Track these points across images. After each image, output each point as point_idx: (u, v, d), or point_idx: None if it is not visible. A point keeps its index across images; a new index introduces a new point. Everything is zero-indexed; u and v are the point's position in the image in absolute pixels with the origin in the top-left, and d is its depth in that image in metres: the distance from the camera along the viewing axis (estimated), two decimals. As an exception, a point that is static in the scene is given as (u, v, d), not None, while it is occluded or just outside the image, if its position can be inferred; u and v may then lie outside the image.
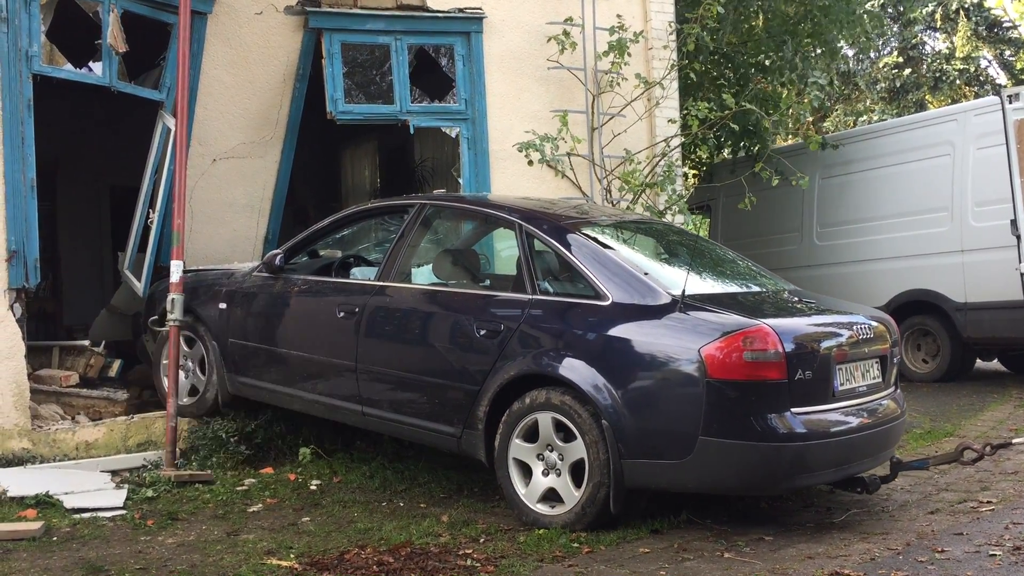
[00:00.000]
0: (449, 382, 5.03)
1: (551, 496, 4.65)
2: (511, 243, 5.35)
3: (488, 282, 5.65)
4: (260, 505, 5.34)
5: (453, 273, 5.56)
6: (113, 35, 6.74)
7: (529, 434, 4.70)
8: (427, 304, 5.30)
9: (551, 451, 4.65)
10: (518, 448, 4.73)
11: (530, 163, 7.84)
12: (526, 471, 4.74)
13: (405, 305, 5.36)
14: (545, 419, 4.63)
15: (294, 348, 5.83)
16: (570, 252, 4.92)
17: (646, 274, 4.74)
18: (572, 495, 4.53)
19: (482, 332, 4.90)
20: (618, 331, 4.53)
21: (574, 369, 4.54)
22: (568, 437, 4.57)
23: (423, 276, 5.63)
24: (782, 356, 4.25)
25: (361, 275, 5.92)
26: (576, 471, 4.56)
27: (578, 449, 4.51)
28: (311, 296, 5.85)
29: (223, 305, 6.19)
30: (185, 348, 6.39)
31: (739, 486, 4.51)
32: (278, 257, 5.98)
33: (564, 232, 5.05)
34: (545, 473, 4.67)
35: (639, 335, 4.49)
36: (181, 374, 6.31)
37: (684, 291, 4.49)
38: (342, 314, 5.47)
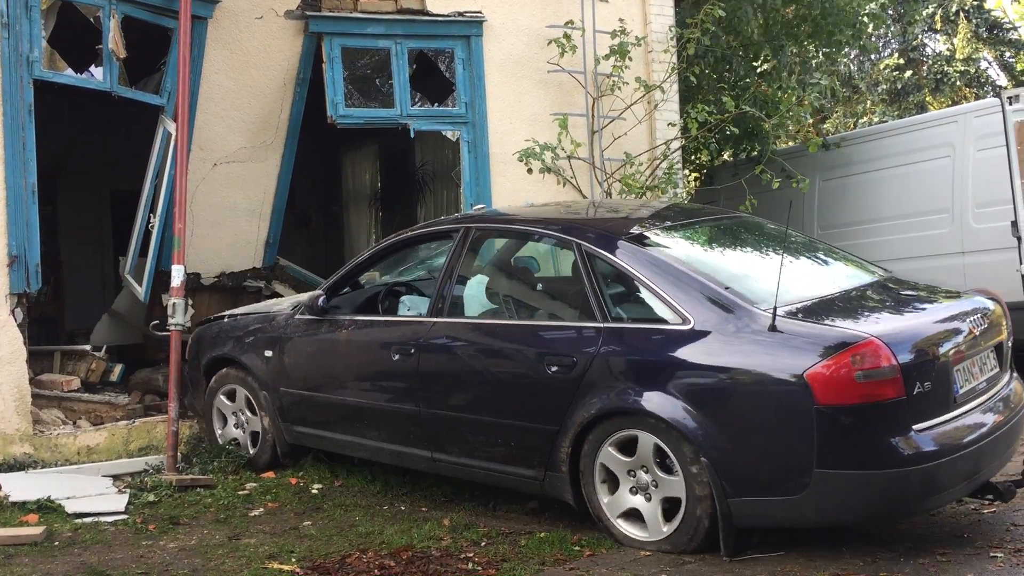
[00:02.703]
0: (523, 423, 4.64)
1: (632, 514, 4.37)
2: (570, 263, 4.95)
3: (551, 310, 5.25)
4: (261, 509, 5.34)
5: (509, 302, 5.23)
6: (114, 40, 6.75)
7: (624, 447, 4.35)
8: (486, 340, 4.94)
9: (646, 472, 4.30)
10: (609, 456, 4.38)
11: (529, 171, 7.84)
12: (612, 482, 4.42)
13: (462, 342, 4.98)
14: (647, 441, 4.25)
15: (351, 395, 5.47)
16: (639, 272, 4.47)
17: (727, 288, 4.27)
18: (659, 528, 4.24)
19: (553, 368, 4.51)
20: (706, 358, 4.12)
21: (661, 403, 4.15)
22: (666, 465, 4.21)
23: (477, 307, 5.24)
24: (897, 370, 3.81)
25: (412, 307, 5.59)
26: (668, 503, 4.24)
27: (676, 486, 4.17)
28: (361, 337, 5.48)
29: (269, 352, 5.85)
30: (228, 402, 6.20)
31: (865, 517, 4.07)
32: (320, 299, 5.61)
33: (628, 248, 4.60)
34: (633, 491, 4.35)
35: (731, 361, 4.05)
36: (231, 421, 6.22)
37: (776, 306, 4.03)
38: (397, 356, 5.12)
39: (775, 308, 4.02)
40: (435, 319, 5.08)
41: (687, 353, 4.19)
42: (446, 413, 4.97)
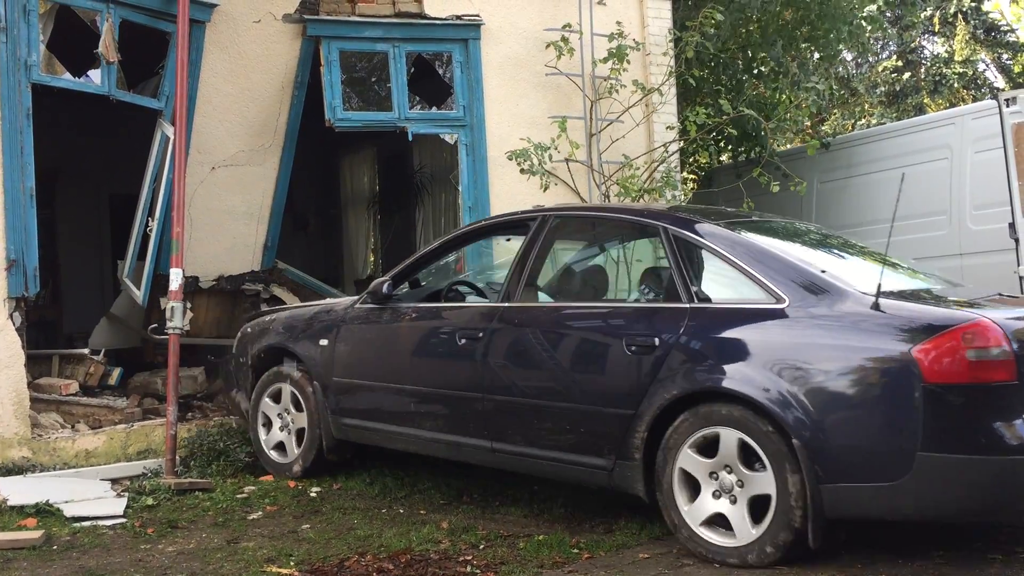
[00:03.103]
0: (596, 407, 4.48)
1: (717, 521, 4.13)
2: (651, 250, 4.91)
3: (630, 294, 5.15)
4: (260, 512, 5.34)
5: (588, 287, 5.16)
6: (105, 44, 6.75)
7: (704, 448, 4.15)
8: (563, 322, 4.80)
9: (729, 473, 4.09)
10: (689, 459, 4.17)
11: (522, 171, 7.83)
12: (691, 487, 4.21)
13: (537, 325, 4.83)
14: (730, 437, 4.05)
15: (408, 382, 5.31)
16: (729, 253, 4.37)
17: (823, 271, 4.20)
18: (748, 531, 4.00)
19: (632, 349, 4.36)
20: (803, 337, 4.00)
21: (753, 382, 3.98)
22: (752, 462, 4.02)
23: (553, 292, 5.20)
24: (1010, 353, 3.69)
25: (480, 298, 5.53)
26: (756, 503, 4.01)
27: (764, 481, 3.95)
28: (426, 323, 5.37)
29: (324, 342, 5.70)
30: (273, 403, 6.07)
31: (966, 510, 3.81)
32: (385, 285, 5.48)
33: (716, 231, 4.54)
34: (716, 495, 4.12)
35: (830, 339, 3.94)
36: (276, 425, 6.07)
37: (880, 285, 3.93)
38: (463, 341, 4.98)
39: (879, 286, 3.93)
40: (507, 303, 4.97)
41: (780, 332, 4.06)
42: (511, 399, 4.81)
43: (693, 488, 4.19)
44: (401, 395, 5.35)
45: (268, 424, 6.12)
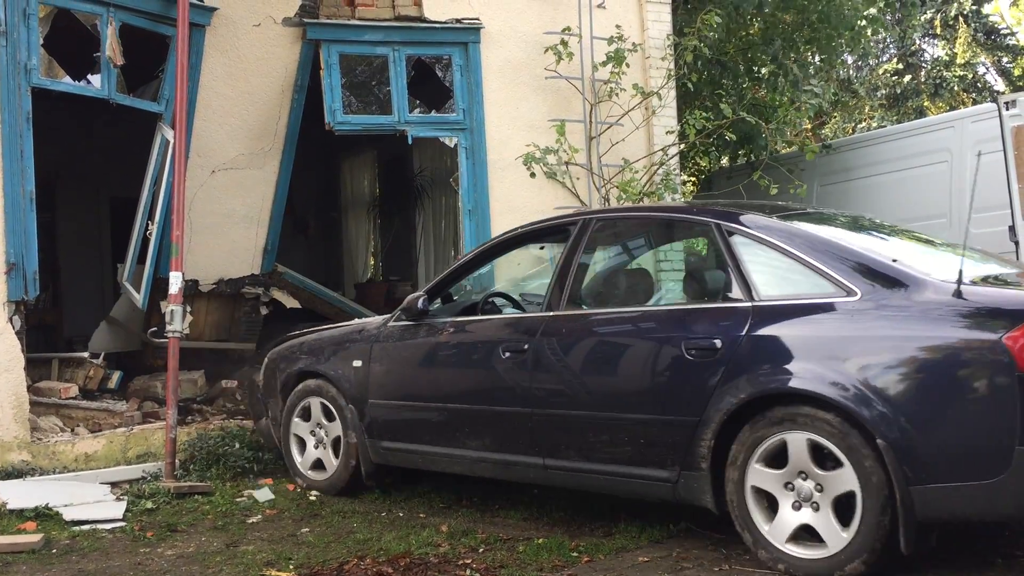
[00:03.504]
0: (656, 416, 4.26)
1: (803, 535, 3.89)
2: (702, 248, 4.73)
3: (685, 294, 4.89)
4: (259, 516, 5.33)
5: (637, 291, 4.96)
6: (111, 48, 6.77)
7: (773, 459, 3.94)
8: (613, 329, 4.60)
9: (804, 479, 3.87)
10: (759, 475, 3.95)
11: (532, 175, 7.84)
12: (767, 504, 3.98)
13: (585, 334, 4.63)
14: (798, 441, 3.84)
15: (450, 400, 5.10)
16: (791, 246, 4.16)
17: (895, 260, 3.98)
18: (838, 535, 3.76)
19: (692, 352, 4.15)
20: (880, 330, 3.77)
21: (828, 381, 3.77)
22: (825, 462, 3.82)
23: (599, 299, 5.05)
24: None
25: (517, 310, 5.37)
26: (841, 505, 3.79)
27: (844, 478, 3.73)
28: (466, 338, 5.14)
29: (357, 362, 5.47)
30: (303, 422, 5.84)
31: None
32: (420, 300, 5.24)
33: (773, 225, 4.34)
34: (796, 506, 3.89)
35: (910, 331, 3.71)
36: (310, 444, 5.82)
37: (961, 271, 3.72)
38: (508, 354, 4.77)
39: (960, 273, 3.72)
40: (552, 312, 4.76)
41: (854, 327, 3.84)
42: (564, 413, 4.59)
43: (769, 503, 3.97)
44: (443, 415, 5.13)
45: (303, 445, 5.88)
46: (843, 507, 3.78)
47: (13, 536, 4.89)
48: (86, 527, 5.12)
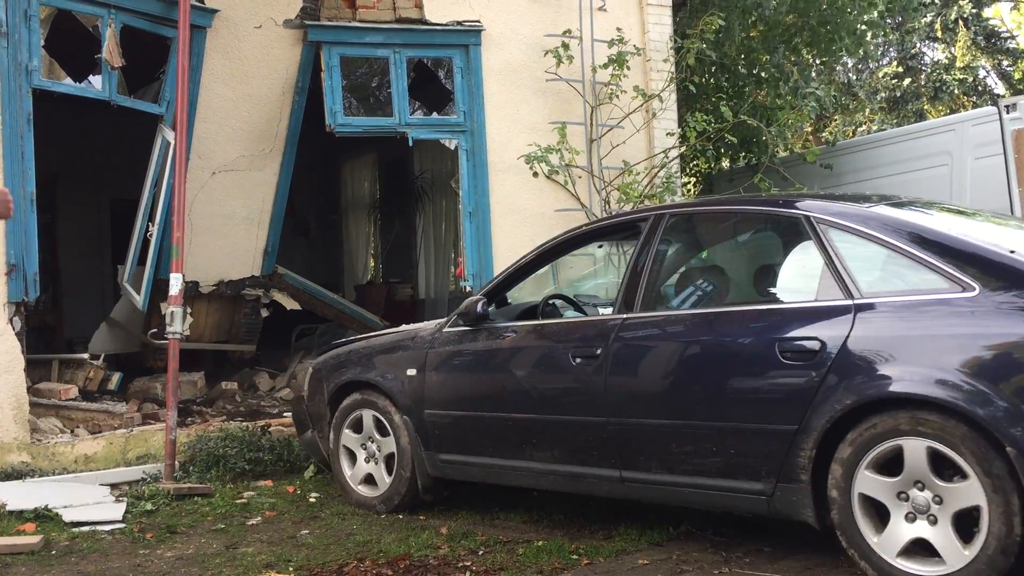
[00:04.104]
0: (748, 425, 3.96)
1: (916, 549, 3.59)
2: (791, 243, 4.42)
3: (774, 292, 4.50)
4: (259, 518, 5.33)
5: (718, 290, 4.68)
6: (109, 50, 6.77)
7: (885, 466, 3.64)
8: (697, 331, 4.26)
9: (921, 489, 3.57)
10: (869, 482, 3.66)
11: (535, 175, 7.84)
12: (876, 513, 3.68)
13: (666, 336, 4.34)
14: (916, 448, 3.53)
15: (515, 410, 4.78)
16: (896, 239, 3.87)
17: (1013, 251, 3.70)
18: (959, 553, 3.44)
19: (788, 355, 3.87)
20: (1004, 327, 3.47)
21: (948, 384, 3.47)
22: (945, 472, 3.52)
23: (678, 299, 4.72)
24: None
25: (583, 312, 5.12)
26: (962, 520, 3.49)
27: (969, 491, 3.43)
28: (531, 342, 4.83)
29: (412, 371, 5.17)
30: (354, 434, 5.50)
31: None
32: (479, 304, 4.94)
33: (872, 216, 4.05)
34: (911, 518, 3.59)
35: None
36: (360, 457, 5.49)
37: None
38: (578, 360, 4.49)
39: None
40: (626, 314, 4.45)
41: (975, 325, 3.54)
42: (643, 421, 4.28)
43: (879, 513, 3.68)
44: (507, 425, 4.81)
45: (353, 459, 5.55)
46: (965, 522, 3.49)
47: (12, 537, 4.88)
48: (86, 528, 5.12)
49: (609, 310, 4.84)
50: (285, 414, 7.36)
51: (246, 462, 6.25)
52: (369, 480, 5.44)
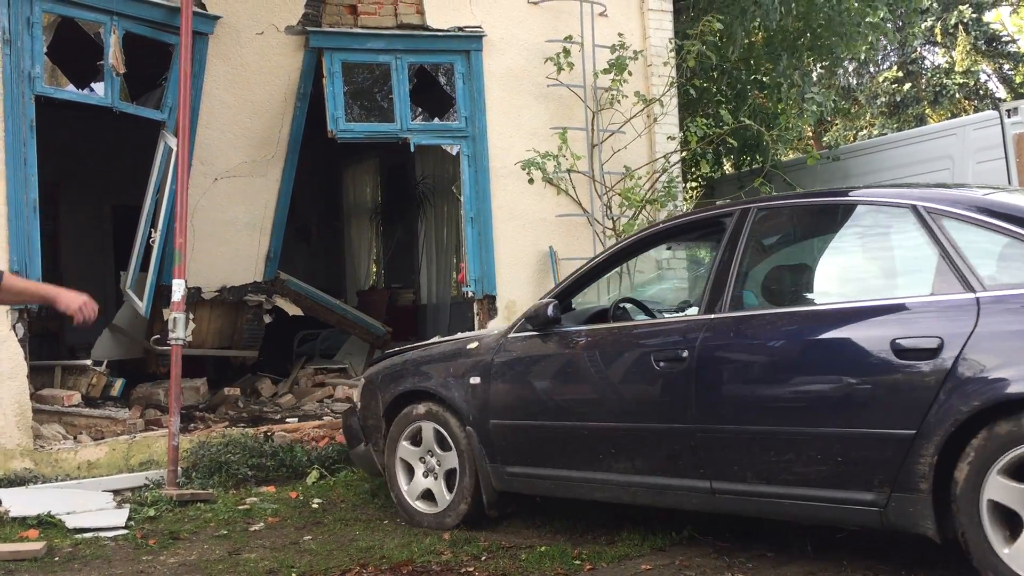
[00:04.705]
0: (857, 430, 3.69)
1: None
2: (896, 235, 4.17)
3: (880, 288, 4.19)
4: (262, 524, 5.33)
5: (816, 287, 4.40)
6: (114, 56, 6.79)
7: (1015, 470, 3.39)
8: (797, 330, 3.97)
9: None
10: (1001, 489, 3.37)
11: (531, 181, 7.85)
12: (1007, 523, 3.41)
13: (760, 336, 4.05)
14: None
15: (591, 418, 4.55)
16: (1018, 229, 3.63)
17: None
18: None
19: (905, 354, 3.59)
20: None
21: None
22: None
23: (771, 297, 4.47)
24: None
25: (667, 314, 4.88)
26: None
27: None
28: (607, 347, 4.56)
29: (475, 379, 4.90)
30: (412, 447, 5.22)
31: None
32: (550, 307, 4.65)
33: (992, 205, 3.80)
34: None
35: None
36: (419, 472, 5.21)
37: None
38: (662, 364, 4.23)
39: None
40: (713, 315, 4.19)
41: None
42: (737, 428, 4.02)
43: (1009, 523, 3.41)
44: (582, 434, 4.56)
45: (410, 473, 5.26)
46: None
47: (16, 544, 4.89)
48: (88, 535, 5.12)
49: (682, 313, 4.70)
50: (288, 420, 7.37)
51: (248, 468, 6.25)
52: (427, 496, 5.16)
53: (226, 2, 7.59)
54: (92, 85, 9.03)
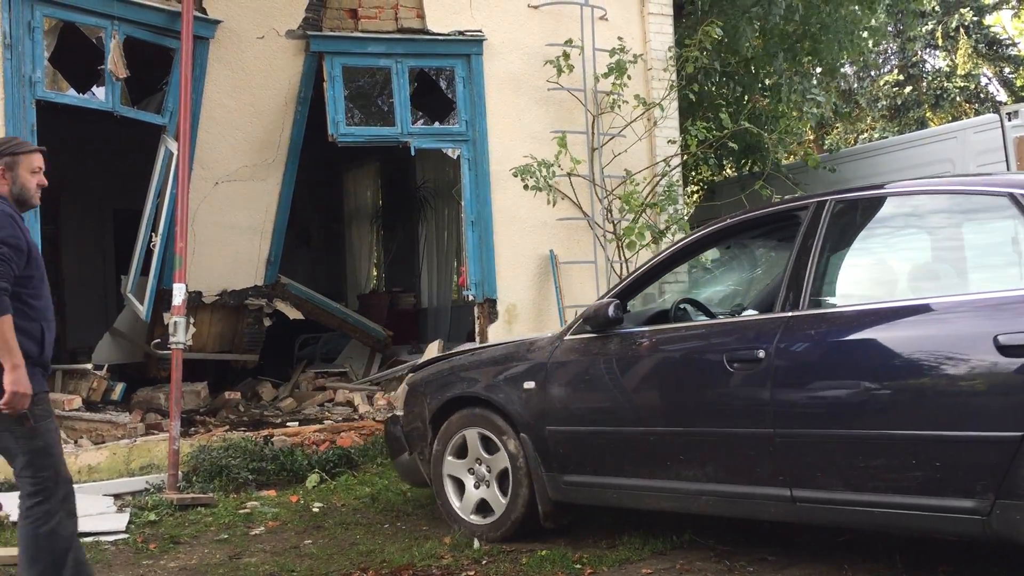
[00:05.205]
0: (956, 432, 3.45)
1: None
2: (990, 225, 3.95)
3: (974, 283, 4.00)
4: (262, 528, 5.33)
5: (899, 281, 4.16)
6: (114, 61, 6.80)
7: None
8: (886, 327, 3.74)
9: None
10: None
11: (526, 187, 7.84)
12: None
13: (846, 335, 3.81)
14: None
15: (658, 423, 4.31)
16: None
17: None
18: None
19: (1009, 350, 3.36)
20: None
21: None
22: None
23: (853, 294, 4.18)
24: None
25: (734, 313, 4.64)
26: None
27: None
28: (674, 348, 4.35)
29: (530, 384, 4.67)
30: (457, 460, 4.98)
31: None
32: (611, 307, 4.42)
33: None
34: None
35: None
36: (469, 483, 4.94)
37: None
38: (736, 365, 4.00)
39: None
40: (792, 313, 3.96)
41: None
42: (819, 432, 3.78)
43: None
44: (648, 440, 4.32)
45: (460, 488, 5.01)
46: None
47: (14, 548, 4.88)
48: (89, 539, 5.11)
49: (752, 312, 4.48)
50: (288, 424, 7.37)
51: (249, 472, 6.25)
52: (482, 507, 4.91)
53: (227, 6, 7.61)
54: (93, 89, 9.04)
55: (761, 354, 3.93)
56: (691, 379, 4.25)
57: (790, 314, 3.96)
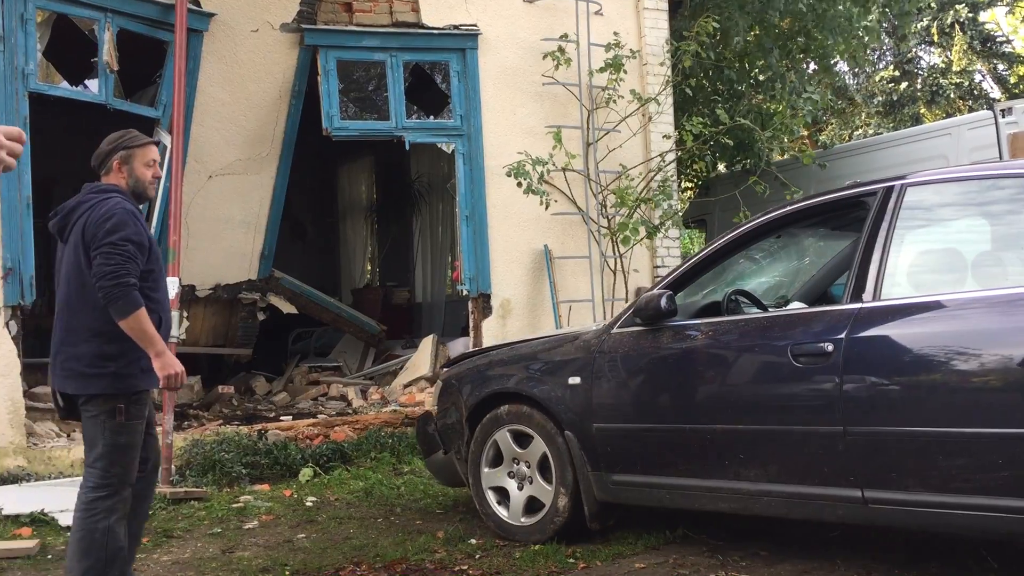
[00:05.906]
0: None
1: None
2: None
3: None
4: (256, 522, 5.33)
5: (977, 271, 3.92)
6: (109, 53, 6.78)
7: None
8: (968, 318, 3.56)
9: None
10: None
11: (519, 185, 7.83)
12: None
13: (923, 326, 3.60)
14: None
15: (714, 420, 4.09)
16: None
17: None
18: None
19: None
20: None
21: None
22: None
23: (927, 283, 3.90)
24: None
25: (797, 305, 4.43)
26: None
27: None
28: (732, 341, 4.12)
29: (576, 379, 4.48)
30: (491, 469, 4.82)
31: None
32: (663, 299, 4.20)
33: None
34: None
35: None
36: (512, 483, 4.76)
37: None
38: (801, 359, 3.79)
39: None
40: (862, 304, 3.75)
41: None
42: (894, 430, 3.57)
43: None
44: (704, 438, 4.12)
45: (504, 496, 4.81)
46: None
47: (9, 542, 4.88)
48: (82, 533, 5.10)
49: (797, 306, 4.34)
50: (282, 418, 7.36)
51: (242, 466, 6.25)
52: (531, 508, 4.71)
53: (221, -1, 7.59)
54: (86, 82, 9.02)
55: (829, 347, 3.73)
56: (752, 374, 4.09)
57: (860, 306, 3.76)
